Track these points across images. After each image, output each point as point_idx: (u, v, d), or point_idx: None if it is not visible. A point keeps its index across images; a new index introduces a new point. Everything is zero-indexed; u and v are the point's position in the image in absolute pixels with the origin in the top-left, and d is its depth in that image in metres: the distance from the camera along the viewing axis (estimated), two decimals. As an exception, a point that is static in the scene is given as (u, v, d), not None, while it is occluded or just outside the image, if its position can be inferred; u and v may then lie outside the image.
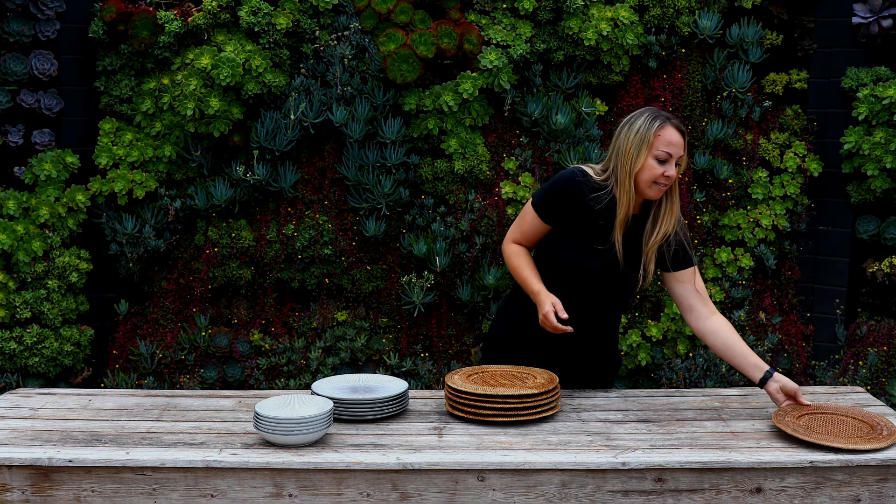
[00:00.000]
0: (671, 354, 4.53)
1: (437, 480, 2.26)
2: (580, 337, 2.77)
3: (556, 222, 2.73)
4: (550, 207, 2.71)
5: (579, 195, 2.67)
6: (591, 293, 2.74)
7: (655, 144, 2.60)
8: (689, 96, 4.52)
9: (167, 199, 4.40)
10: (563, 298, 2.71)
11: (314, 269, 4.44)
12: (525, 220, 2.78)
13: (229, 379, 4.42)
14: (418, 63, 4.21)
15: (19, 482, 2.27)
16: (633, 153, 2.60)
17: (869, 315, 4.54)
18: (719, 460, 2.27)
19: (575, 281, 2.73)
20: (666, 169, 2.60)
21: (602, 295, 2.76)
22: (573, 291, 2.73)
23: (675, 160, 2.62)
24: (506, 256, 2.82)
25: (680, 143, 2.62)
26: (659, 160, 2.60)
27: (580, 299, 2.74)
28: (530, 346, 2.83)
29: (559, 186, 2.69)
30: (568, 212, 2.69)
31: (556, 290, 2.73)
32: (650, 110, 2.65)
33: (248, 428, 2.48)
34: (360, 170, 4.37)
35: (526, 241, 2.81)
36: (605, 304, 2.80)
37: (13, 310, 4.19)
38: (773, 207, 4.54)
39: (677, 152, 2.62)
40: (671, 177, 2.61)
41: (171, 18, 4.28)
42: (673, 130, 2.61)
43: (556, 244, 2.73)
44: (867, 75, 4.42)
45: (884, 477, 2.29)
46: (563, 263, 2.72)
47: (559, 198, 2.69)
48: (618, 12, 4.37)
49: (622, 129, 2.66)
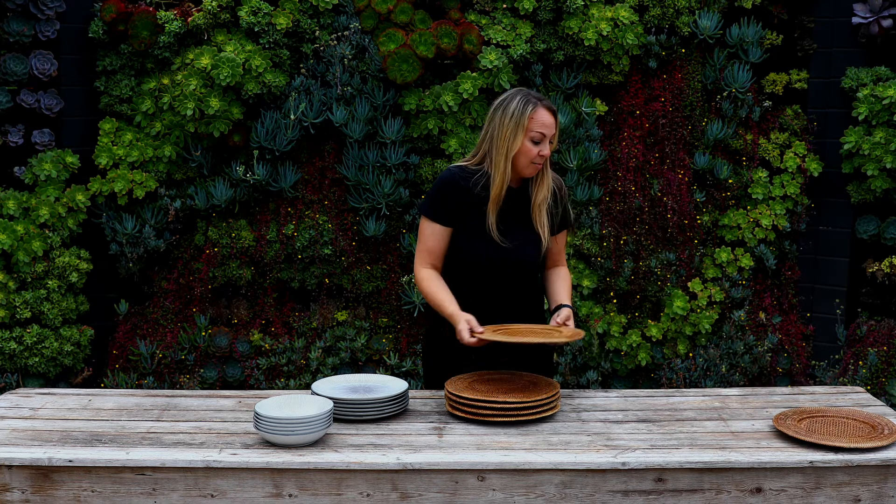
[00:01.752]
0: (671, 354, 4.53)
1: (437, 480, 2.26)
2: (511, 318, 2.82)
3: (452, 221, 2.79)
4: (440, 207, 2.77)
5: (461, 185, 2.76)
6: (506, 275, 2.79)
7: (530, 126, 2.69)
8: (689, 96, 4.52)
9: (167, 199, 4.40)
10: (488, 292, 2.78)
11: (314, 269, 4.44)
12: (424, 234, 2.82)
13: (229, 379, 4.42)
14: (418, 63, 4.21)
15: (19, 482, 2.27)
16: (510, 136, 2.70)
17: (869, 315, 4.54)
18: (719, 460, 2.27)
19: (489, 269, 2.77)
20: (541, 148, 2.71)
21: (516, 274, 2.81)
22: (490, 280, 2.79)
23: (549, 139, 2.73)
24: (418, 283, 2.85)
25: (552, 124, 2.73)
26: (534, 141, 2.71)
27: (502, 286, 2.80)
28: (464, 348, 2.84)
29: (441, 184, 2.78)
30: (457, 205, 2.76)
31: (474, 285, 2.78)
32: (521, 93, 2.73)
33: (248, 428, 2.48)
34: (360, 170, 4.37)
35: (434, 259, 2.82)
36: (522, 283, 2.84)
37: (13, 310, 4.19)
38: (773, 207, 4.54)
39: (550, 132, 2.73)
40: (545, 155, 2.73)
41: (171, 18, 4.28)
42: (545, 112, 2.71)
43: (462, 241, 2.78)
44: (867, 75, 4.42)
45: (884, 477, 2.29)
46: (476, 255, 2.77)
47: (443, 193, 2.76)
48: (618, 12, 4.37)
49: (496, 114, 2.74)
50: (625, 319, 4.49)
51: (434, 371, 2.92)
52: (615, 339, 4.48)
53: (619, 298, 4.53)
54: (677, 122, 4.51)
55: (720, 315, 4.56)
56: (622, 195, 4.47)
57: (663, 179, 4.48)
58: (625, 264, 4.46)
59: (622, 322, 4.48)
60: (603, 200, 4.49)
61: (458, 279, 2.82)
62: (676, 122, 4.50)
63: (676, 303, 4.47)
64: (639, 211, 4.47)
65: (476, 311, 2.72)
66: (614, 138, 4.52)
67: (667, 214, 4.46)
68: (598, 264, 4.46)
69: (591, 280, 4.45)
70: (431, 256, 2.80)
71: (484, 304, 2.78)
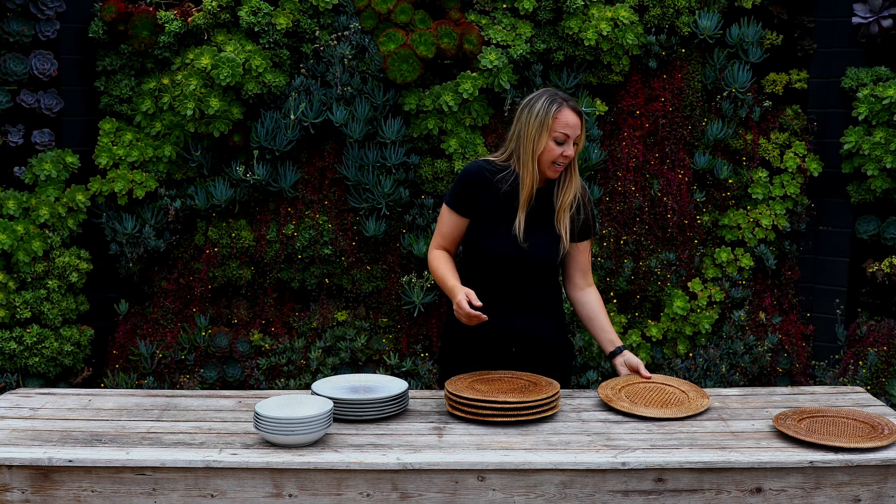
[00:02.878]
0: (671, 354, 4.53)
1: (437, 480, 2.26)
2: (523, 323, 2.83)
3: (471, 212, 2.80)
4: (462, 198, 2.80)
5: (486, 179, 2.77)
6: (520, 273, 2.79)
7: (554, 127, 2.70)
8: (689, 96, 4.52)
9: (167, 199, 4.40)
10: (498, 287, 2.79)
11: (314, 269, 4.44)
12: (443, 221, 2.86)
13: (229, 379, 4.42)
14: (418, 63, 4.21)
15: (19, 482, 2.27)
16: (535, 136, 2.71)
17: (869, 315, 4.54)
18: (719, 460, 2.27)
19: (504, 265, 2.78)
20: (564, 149, 2.71)
21: (531, 273, 2.81)
22: (506, 277, 2.79)
23: (573, 140, 2.73)
24: (428, 263, 2.89)
25: (577, 125, 2.72)
26: (557, 142, 2.71)
27: (514, 282, 2.80)
28: (481, 351, 2.86)
29: (466, 175, 2.80)
30: (479, 198, 2.78)
31: (490, 281, 2.80)
32: (548, 93, 2.74)
33: (248, 428, 2.48)
34: (360, 170, 4.37)
35: (449, 244, 2.87)
36: (538, 282, 2.84)
37: (13, 310, 4.19)
38: (773, 207, 4.54)
39: (574, 133, 2.72)
40: (569, 156, 2.73)
41: (171, 18, 4.28)
42: (570, 112, 2.72)
43: (478, 235, 2.80)
44: (867, 75, 4.42)
45: (884, 477, 2.29)
46: (490, 251, 2.78)
47: (467, 186, 2.78)
48: (618, 12, 4.37)
49: (522, 113, 2.76)
50: (625, 319, 4.49)
51: (451, 366, 2.92)
52: (615, 339, 4.48)
53: (619, 298, 4.53)
54: (677, 122, 4.51)
55: (720, 315, 4.56)
56: (622, 195, 4.47)
57: (663, 179, 4.48)
58: (625, 264, 4.46)
59: (622, 322, 4.48)
60: (603, 200, 4.49)
61: (472, 272, 2.84)
62: (676, 122, 4.51)
63: (676, 303, 4.47)
64: (639, 211, 4.47)
65: (490, 306, 2.73)
66: (614, 138, 4.52)
67: (667, 214, 4.46)
68: (598, 264, 4.46)
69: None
70: (444, 241, 2.86)
71: (498, 299, 2.78)
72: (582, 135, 2.75)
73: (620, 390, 2.73)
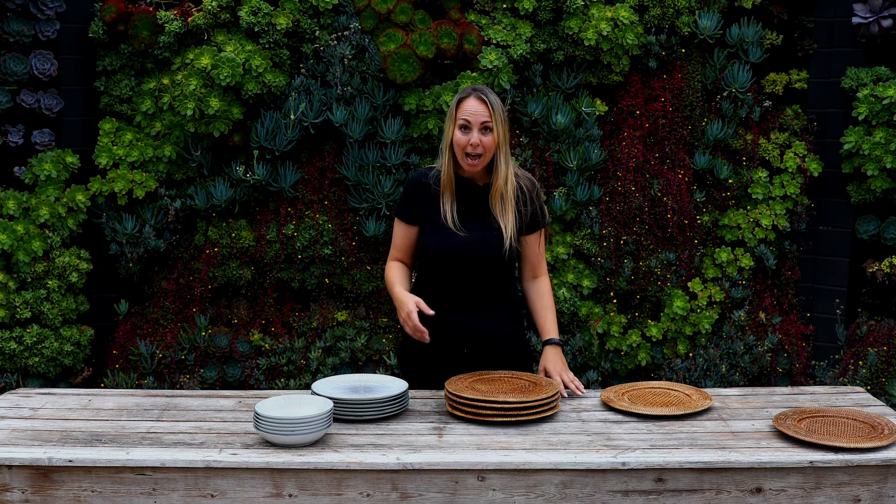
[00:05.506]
0: (671, 354, 4.53)
1: (437, 480, 2.26)
2: (473, 323, 2.83)
3: (416, 219, 2.88)
4: (406, 207, 2.90)
5: (424, 184, 2.87)
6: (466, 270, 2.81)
7: (458, 115, 2.76)
8: (689, 96, 4.52)
9: (167, 199, 4.40)
10: (446, 288, 2.82)
11: (314, 269, 4.44)
12: (395, 233, 2.95)
13: (229, 379, 4.42)
14: (418, 63, 4.21)
15: (19, 482, 2.27)
16: (447, 127, 2.80)
17: (869, 315, 4.54)
18: (719, 460, 2.27)
19: (447, 261, 2.81)
20: (470, 137, 2.74)
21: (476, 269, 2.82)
22: (452, 275, 2.82)
23: (478, 127, 2.74)
24: (384, 275, 2.96)
25: (479, 111, 2.74)
26: (462, 128, 2.76)
27: (461, 281, 2.82)
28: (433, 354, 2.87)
29: (408, 184, 2.92)
30: (420, 203, 2.86)
31: (438, 282, 2.84)
32: (468, 88, 2.82)
33: (248, 428, 2.48)
34: (360, 170, 4.37)
35: (403, 255, 2.94)
36: (485, 280, 2.85)
37: (13, 310, 4.19)
38: (773, 207, 4.54)
39: (476, 119, 2.74)
40: (476, 144, 2.74)
41: (171, 18, 4.28)
42: (473, 100, 2.77)
43: (425, 238, 2.86)
44: (867, 75, 4.42)
45: (884, 477, 2.29)
46: (429, 246, 2.83)
47: (409, 194, 2.89)
48: (618, 12, 4.37)
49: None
50: (625, 319, 4.49)
51: (408, 371, 2.97)
52: (615, 340, 4.48)
53: (619, 298, 4.53)
54: (677, 122, 4.51)
55: (720, 315, 4.56)
56: (622, 195, 4.47)
57: (663, 179, 4.48)
58: (625, 264, 4.46)
59: (622, 322, 4.48)
60: (603, 200, 4.49)
61: (424, 273, 2.90)
62: (676, 122, 4.51)
63: (676, 303, 4.47)
64: (639, 211, 4.47)
65: (441, 303, 2.77)
66: (614, 138, 4.52)
67: (667, 214, 4.46)
68: (598, 264, 4.46)
69: (590, 280, 4.45)
70: (398, 252, 2.94)
71: (448, 296, 2.82)
72: (494, 122, 2.74)
73: (624, 394, 2.73)
